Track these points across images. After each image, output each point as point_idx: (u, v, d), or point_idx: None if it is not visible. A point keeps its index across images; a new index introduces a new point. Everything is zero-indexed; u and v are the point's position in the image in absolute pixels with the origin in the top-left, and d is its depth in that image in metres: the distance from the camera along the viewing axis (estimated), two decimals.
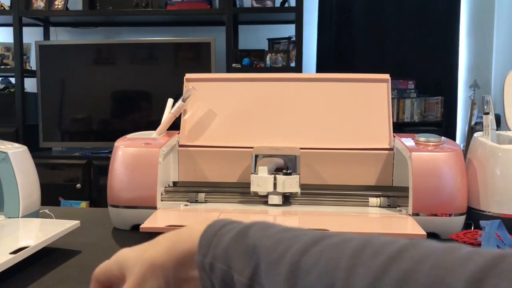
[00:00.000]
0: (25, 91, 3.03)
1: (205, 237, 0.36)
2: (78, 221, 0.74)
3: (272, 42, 3.04)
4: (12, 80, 3.07)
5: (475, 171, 0.84)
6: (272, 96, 0.98)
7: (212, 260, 0.35)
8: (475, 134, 0.91)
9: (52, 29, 3.26)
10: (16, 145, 0.81)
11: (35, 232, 0.74)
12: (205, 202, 0.87)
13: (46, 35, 3.22)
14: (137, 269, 0.38)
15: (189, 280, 0.38)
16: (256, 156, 0.86)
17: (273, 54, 2.91)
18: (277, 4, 2.92)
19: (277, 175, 0.83)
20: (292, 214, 0.83)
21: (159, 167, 0.83)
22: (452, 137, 3.17)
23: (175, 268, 0.37)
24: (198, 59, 2.92)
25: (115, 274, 0.40)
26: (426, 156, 0.80)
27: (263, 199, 0.86)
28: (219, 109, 0.99)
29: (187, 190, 0.90)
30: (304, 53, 2.87)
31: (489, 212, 0.81)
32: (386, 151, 0.93)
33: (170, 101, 1.00)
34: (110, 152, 0.89)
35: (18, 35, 2.94)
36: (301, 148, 0.89)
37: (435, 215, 0.78)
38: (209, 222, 0.38)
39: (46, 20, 3.15)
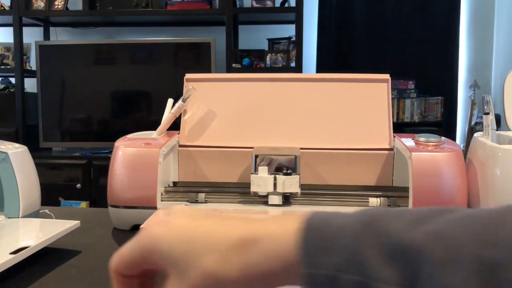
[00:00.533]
0: (25, 91, 3.03)
1: (308, 243, 0.27)
2: (78, 221, 0.74)
3: (272, 42, 3.04)
4: (12, 80, 3.08)
5: (475, 171, 0.84)
6: (272, 96, 0.98)
7: (333, 271, 0.26)
8: (475, 134, 0.91)
9: (52, 29, 3.26)
10: (16, 145, 0.81)
11: (35, 232, 0.74)
12: (205, 202, 0.87)
13: (46, 35, 3.22)
14: (194, 277, 0.29)
15: None
16: (256, 156, 0.86)
17: (273, 54, 2.91)
18: (277, 4, 2.92)
19: (277, 175, 0.83)
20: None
21: (159, 167, 0.83)
22: (452, 137, 3.17)
23: (255, 285, 0.28)
24: (198, 59, 2.93)
25: (147, 264, 0.32)
26: (426, 156, 0.80)
27: (263, 199, 0.86)
28: (219, 109, 0.99)
29: (187, 190, 0.90)
30: (304, 53, 2.87)
31: None
32: (386, 151, 0.93)
33: (170, 101, 1.00)
34: (110, 152, 0.89)
35: (18, 35, 2.94)
36: (301, 148, 0.89)
37: None
38: (298, 224, 0.28)
39: (46, 20, 3.15)
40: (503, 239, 0.24)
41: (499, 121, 1.03)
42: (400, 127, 2.97)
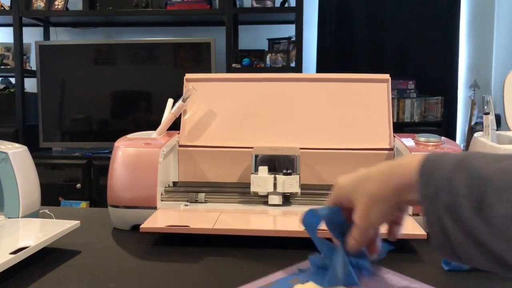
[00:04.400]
0: (25, 91, 3.03)
1: (424, 170, 0.42)
2: (78, 221, 0.74)
3: (272, 42, 3.04)
4: (12, 80, 3.08)
5: None
6: (272, 96, 0.98)
7: (436, 190, 0.40)
8: (475, 134, 0.91)
9: (52, 29, 3.26)
10: (16, 145, 0.81)
11: (35, 232, 0.74)
12: (205, 202, 0.87)
13: (46, 35, 3.22)
14: (361, 200, 0.47)
15: (407, 203, 0.47)
16: (256, 156, 0.86)
17: (273, 54, 2.91)
18: (277, 4, 2.92)
19: (277, 175, 0.83)
20: (292, 214, 0.83)
21: (159, 167, 0.83)
22: (452, 137, 3.17)
23: (393, 196, 0.45)
24: (198, 59, 2.93)
25: (346, 201, 0.50)
26: None
27: (263, 199, 0.86)
28: (219, 109, 0.99)
29: (187, 190, 0.90)
30: (304, 53, 2.87)
31: None
32: (386, 151, 0.93)
33: (170, 101, 1.00)
34: (110, 152, 0.89)
35: (18, 35, 2.94)
36: (301, 148, 0.89)
37: None
38: (423, 157, 0.43)
39: (46, 20, 3.15)
40: None
41: (499, 121, 1.03)
42: (400, 127, 2.97)
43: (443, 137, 0.88)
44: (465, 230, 0.39)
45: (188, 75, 1.01)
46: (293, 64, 2.86)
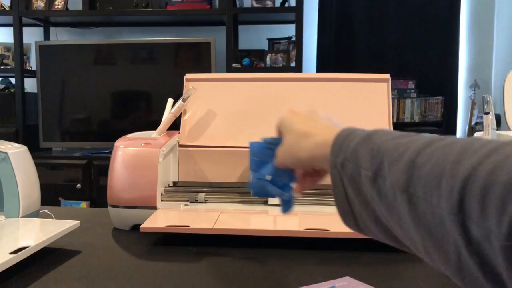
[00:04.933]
0: (25, 91, 3.03)
1: (336, 142, 0.45)
2: (78, 221, 0.74)
3: (272, 42, 3.04)
4: (12, 80, 3.08)
5: None
6: (272, 96, 0.98)
7: (343, 160, 0.43)
8: (475, 134, 0.91)
9: (52, 29, 3.26)
10: (16, 145, 0.81)
11: (35, 232, 0.74)
12: (205, 202, 0.87)
13: (46, 35, 3.22)
14: (283, 146, 0.53)
15: (322, 169, 0.51)
16: None
17: (273, 54, 2.91)
18: (277, 4, 2.92)
19: None
20: (292, 214, 0.83)
21: (159, 167, 0.83)
22: None
23: (307, 159, 0.50)
24: (198, 59, 2.93)
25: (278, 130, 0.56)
26: None
27: (263, 199, 0.86)
28: (219, 109, 0.99)
29: (187, 190, 0.90)
30: (304, 53, 2.87)
31: None
32: None
33: (170, 101, 1.00)
34: (110, 152, 0.89)
35: (18, 35, 2.94)
36: None
37: None
38: (339, 130, 0.46)
39: (46, 20, 3.15)
40: (431, 154, 0.35)
41: (499, 121, 1.03)
42: (400, 127, 2.97)
43: None
44: (364, 201, 0.41)
45: (188, 75, 1.01)
46: (293, 64, 2.86)
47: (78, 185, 2.78)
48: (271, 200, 0.85)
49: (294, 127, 0.52)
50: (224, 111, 0.98)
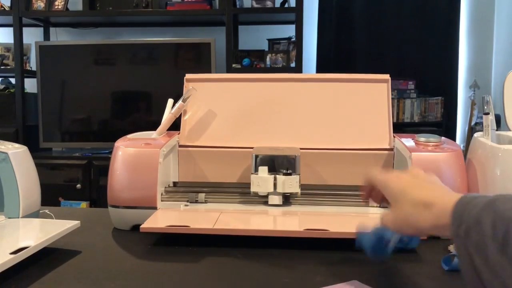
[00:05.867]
0: (25, 91, 3.03)
1: (457, 211, 0.45)
2: (78, 221, 0.74)
3: (272, 42, 3.04)
4: (12, 80, 3.08)
5: (475, 172, 0.84)
6: (272, 97, 0.98)
7: (466, 229, 0.43)
8: (475, 134, 0.91)
9: (52, 29, 3.26)
10: (16, 145, 0.81)
11: (35, 232, 0.74)
12: (205, 202, 0.87)
13: (46, 36, 3.22)
14: (399, 218, 0.53)
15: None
16: (256, 156, 0.86)
17: (273, 55, 2.91)
18: (277, 4, 2.92)
19: (277, 175, 0.83)
20: (292, 214, 0.83)
21: (159, 167, 0.83)
22: (452, 137, 3.17)
23: (429, 230, 0.51)
24: (198, 59, 2.93)
25: (378, 189, 0.58)
26: (426, 156, 0.80)
27: (263, 199, 0.86)
28: (219, 109, 0.99)
29: (187, 190, 0.90)
30: (304, 53, 2.87)
31: None
32: (386, 151, 0.93)
33: (170, 101, 1.00)
34: (110, 152, 0.89)
35: (18, 36, 2.94)
36: (301, 148, 0.89)
37: None
38: (457, 198, 0.47)
39: (46, 21, 3.15)
40: None
41: (499, 121, 1.03)
42: (400, 127, 2.97)
43: (443, 137, 0.88)
44: (492, 269, 0.41)
45: (188, 75, 1.01)
46: (293, 64, 2.87)
47: (78, 185, 2.78)
48: (271, 200, 0.85)
49: (409, 197, 0.52)
50: (224, 112, 0.98)
